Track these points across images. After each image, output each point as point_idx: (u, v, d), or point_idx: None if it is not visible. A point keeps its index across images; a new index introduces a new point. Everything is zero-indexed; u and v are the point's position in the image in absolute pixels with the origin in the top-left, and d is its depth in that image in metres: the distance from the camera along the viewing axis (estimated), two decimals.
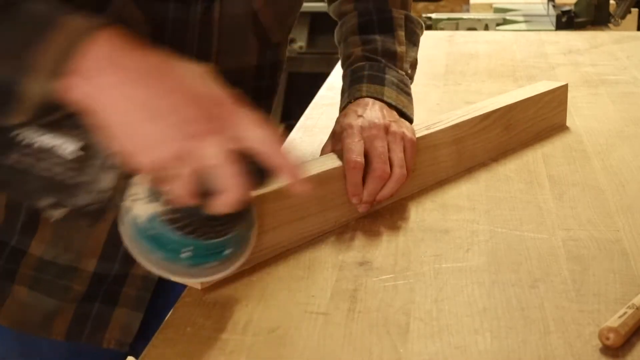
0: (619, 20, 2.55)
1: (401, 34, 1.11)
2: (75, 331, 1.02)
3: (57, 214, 0.77)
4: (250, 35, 1.03)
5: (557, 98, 1.36)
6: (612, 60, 1.94)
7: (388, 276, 0.88)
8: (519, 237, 0.97)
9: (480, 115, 1.19)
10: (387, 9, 1.12)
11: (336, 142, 1.03)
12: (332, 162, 0.99)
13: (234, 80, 1.01)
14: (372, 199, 1.00)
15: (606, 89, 1.66)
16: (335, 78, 1.75)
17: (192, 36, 0.97)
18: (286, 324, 0.79)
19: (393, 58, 1.09)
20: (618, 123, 1.43)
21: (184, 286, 0.87)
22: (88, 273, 1.00)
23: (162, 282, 1.01)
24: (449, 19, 2.75)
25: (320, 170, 0.97)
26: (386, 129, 1.00)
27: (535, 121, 1.31)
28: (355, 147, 0.98)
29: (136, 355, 1.04)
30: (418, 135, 1.08)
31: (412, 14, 1.19)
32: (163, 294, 1.04)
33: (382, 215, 1.04)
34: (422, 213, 1.04)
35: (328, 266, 0.91)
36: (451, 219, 1.02)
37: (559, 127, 1.38)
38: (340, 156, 1.00)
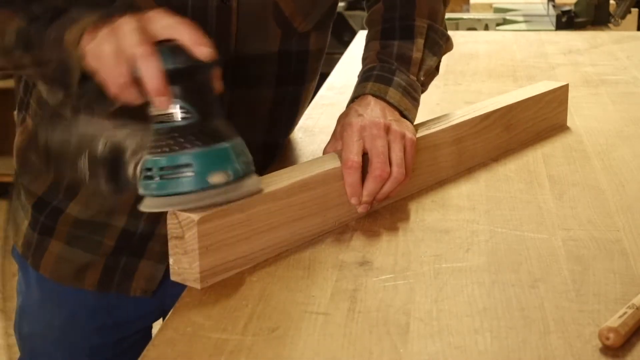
0: (619, 20, 2.55)
1: (420, 41, 1.11)
2: (105, 282, 1.12)
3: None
4: (271, 23, 1.06)
5: (557, 98, 1.36)
6: (612, 60, 1.94)
7: (388, 276, 0.88)
8: (519, 237, 0.97)
9: (481, 115, 1.19)
10: (412, 17, 1.13)
11: (337, 141, 1.03)
12: (332, 162, 0.99)
13: (255, 64, 1.07)
14: (371, 199, 1.00)
15: (606, 89, 1.66)
16: (335, 78, 1.75)
17: (211, 22, 1.01)
18: (286, 324, 0.79)
19: (407, 63, 1.10)
20: (618, 123, 1.43)
21: None
22: (118, 229, 1.10)
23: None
24: (449, 19, 2.75)
25: (320, 171, 0.97)
26: (387, 128, 1.00)
27: (536, 121, 1.31)
28: (353, 147, 0.98)
29: (157, 302, 1.15)
30: (418, 134, 1.08)
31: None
32: (172, 288, 1.07)
33: (382, 215, 1.04)
34: (422, 213, 1.04)
35: (328, 266, 0.91)
36: (451, 219, 1.02)
37: (559, 127, 1.38)
38: (341, 156, 1.00)
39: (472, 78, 1.78)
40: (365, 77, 1.09)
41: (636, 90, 1.66)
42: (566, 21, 2.54)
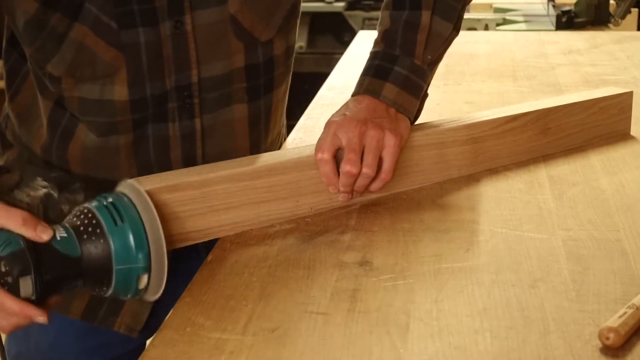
0: (619, 20, 2.55)
1: (426, 14, 1.09)
2: (90, 314, 1.09)
3: None
4: (232, 39, 1.03)
5: (617, 105, 1.31)
6: (612, 60, 1.93)
7: (388, 276, 0.88)
8: (519, 237, 0.97)
9: (506, 117, 1.17)
10: None
11: None
12: (308, 150, 1.03)
13: (223, 84, 1.04)
14: (348, 190, 1.02)
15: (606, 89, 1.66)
16: (335, 78, 1.75)
17: (167, 53, 0.99)
18: (286, 324, 0.79)
19: (411, 47, 1.09)
20: None
21: (192, 273, 0.91)
22: None
23: (170, 278, 1.03)
24: None
25: (290, 158, 1.01)
26: (364, 129, 1.01)
27: (585, 127, 1.27)
28: (324, 142, 1.02)
29: (141, 336, 1.12)
30: (423, 131, 1.09)
31: None
32: (172, 288, 1.05)
33: (382, 215, 1.04)
34: (422, 213, 1.04)
35: (328, 266, 0.91)
36: (451, 219, 1.02)
37: (619, 135, 1.32)
38: None
39: (472, 78, 1.78)
40: (367, 66, 1.10)
41: (636, 90, 1.65)
42: (566, 21, 2.54)
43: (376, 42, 1.12)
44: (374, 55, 1.11)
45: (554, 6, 2.70)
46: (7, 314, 0.82)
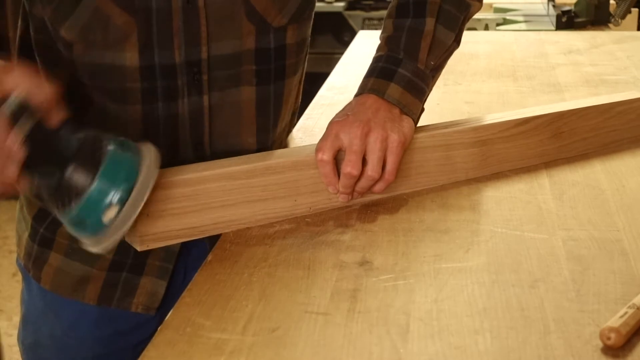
0: (619, 20, 2.55)
1: (430, 20, 1.10)
2: (105, 296, 1.11)
3: None
4: (243, 20, 1.04)
5: (636, 110, 1.28)
6: (612, 60, 1.93)
7: (388, 276, 0.88)
8: (519, 237, 0.97)
9: (516, 120, 1.16)
10: None
11: None
12: (308, 150, 1.03)
13: (232, 63, 1.05)
14: (348, 191, 1.03)
15: (606, 89, 1.66)
16: (335, 78, 1.75)
17: (178, 24, 1.00)
18: (286, 324, 0.79)
19: (415, 49, 1.09)
20: None
21: (204, 254, 0.94)
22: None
23: (182, 254, 1.11)
24: None
25: (289, 157, 1.01)
26: (367, 130, 1.01)
27: (602, 131, 1.25)
28: (325, 143, 1.02)
29: (162, 319, 1.10)
30: (427, 133, 1.09)
31: None
32: (184, 264, 1.12)
33: (382, 215, 1.04)
34: (422, 213, 1.04)
35: (328, 266, 0.91)
36: (451, 219, 1.02)
37: (638, 140, 1.28)
38: None
39: (472, 78, 1.78)
40: (371, 69, 1.10)
41: (636, 90, 1.66)
42: (566, 21, 2.54)
43: (379, 48, 1.13)
44: (377, 59, 1.11)
45: (554, 6, 2.70)
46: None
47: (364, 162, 1.01)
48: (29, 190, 0.89)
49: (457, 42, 1.15)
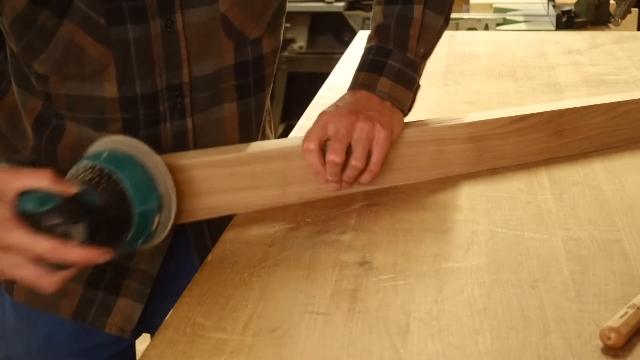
0: (619, 20, 2.55)
1: (418, 7, 1.10)
2: (81, 312, 1.08)
3: None
4: (222, 37, 1.03)
5: None
6: (612, 60, 1.93)
7: (388, 276, 0.88)
8: (519, 237, 0.97)
9: (511, 117, 1.16)
10: None
11: None
12: (297, 141, 1.04)
13: (214, 82, 1.04)
14: (336, 179, 1.03)
15: (606, 89, 1.66)
16: (335, 78, 1.75)
17: (158, 51, 0.98)
18: (286, 324, 0.79)
19: (404, 40, 1.10)
20: None
21: (184, 281, 0.89)
22: None
23: (161, 278, 1.09)
24: None
25: (278, 146, 1.03)
26: (354, 121, 1.02)
27: (606, 131, 1.24)
28: (312, 132, 1.03)
29: (129, 342, 1.13)
30: (419, 127, 1.09)
31: None
32: (163, 289, 1.10)
33: (382, 215, 1.04)
34: (422, 213, 1.04)
35: (328, 266, 0.91)
36: (451, 219, 1.02)
37: None
38: None
39: (472, 78, 1.78)
40: (362, 62, 1.11)
41: (636, 90, 1.66)
42: (566, 21, 2.54)
43: (370, 38, 1.13)
44: (367, 51, 1.12)
45: (554, 6, 2.70)
46: (55, 267, 0.82)
47: (350, 152, 1.02)
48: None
49: (446, 22, 1.15)
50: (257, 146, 1.04)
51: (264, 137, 1.18)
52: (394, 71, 1.09)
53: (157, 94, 1.00)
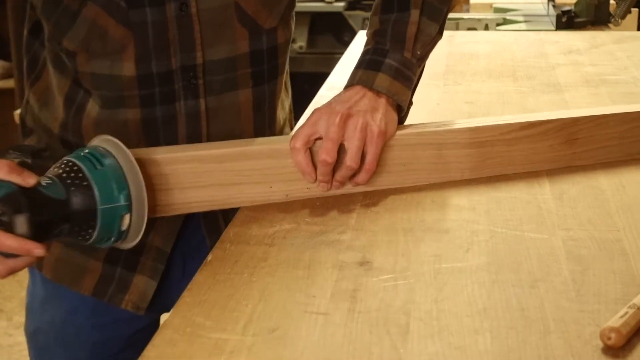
0: (619, 20, 2.54)
1: (415, 12, 1.11)
2: (101, 289, 1.13)
3: None
4: (236, 25, 1.07)
5: None
6: (612, 60, 1.93)
7: (388, 276, 0.88)
8: (519, 237, 0.97)
9: (519, 123, 1.14)
10: None
11: None
12: (285, 139, 1.05)
13: (228, 68, 1.07)
14: (326, 179, 1.03)
15: (606, 89, 1.66)
16: (335, 78, 1.75)
17: (173, 33, 1.03)
18: (286, 324, 0.79)
19: (401, 40, 1.10)
20: None
21: (198, 262, 0.93)
22: None
23: (175, 257, 1.14)
24: (449, 19, 2.74)
25: (264, 145, 1.03)
26: (346, 117, 1.02)
27: (624, 141, 1.20)
28: (300, 132, 1.03)
29: (152, 315, 1.18)
30: (419, 130, 1.09)
31: None
32: (178, 269, 1.15)
33: (382, 215, 1.04)
34: (422, 213, 1.04)
35: (328, 266, 0.91)
36: (451, 219, 1.02)
37: None
38: None
39: (472, 78, 1.78)
40: (359, 62, 1.11)
41: (636, 90, 1.66)
42: (566, 21, 2.54)
43: (366, 43, 1.14)
44: (365, 52, 1.12)
45: (554, 6, 2.70)
46: (3, 255, 0.87)
47: (343, 150, 1.02)
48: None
49: (440, 33, 1.16)
50: (244, 144, 1.05)
51: (276, 125, 1.19)
52: (392, 68, 1.09)
53: (172, 73, 1.05)
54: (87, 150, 0.93)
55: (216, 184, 1.02)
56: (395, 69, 1.09)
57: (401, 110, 1.09)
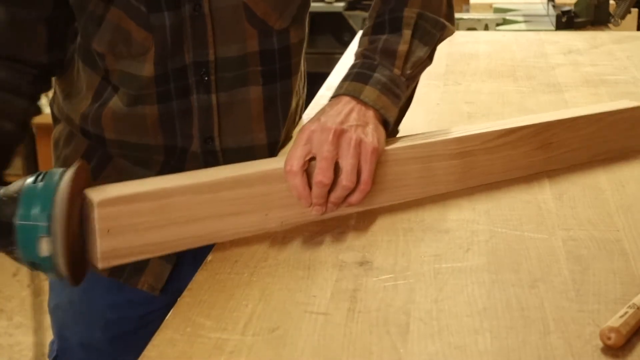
0: (619, 20, 2.55)
1: (407, 32, 1.10)
2: (117, 270, 1.13)
3: None
4: (245, 25, 1.09)
5: (629, 120, 1.23)
6: (612, 60, 1.94)
7: (388, 276, 0.88)
8: (519, 237, 0.97)
9: (499, 131, 1.12)
10: (401, 9, 1.12)
11: None
12: (277, 163, 0.99)
13: (238, 65, 1.10)
14: (322, 202, 0.98)
15: (606, 89, 1.66)
16: (335, 78, 1.75)
17: (187, 33, 1.07)
18: (286, 324, 0.80)
19: (391, 57, 1.08)
20: None
21: (207, 246, 0.93)
22: None
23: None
24: None
25: (257, 170, 0.97)
26: (339, 134, 0.98)
27: (593, 142, 1.20)
28: (296, 151, 0.98)
29: (164, 298, 1.16)
30: (407, 144, 1.05)
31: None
32: (189, 252, 1.11)
33: (382, 215, 1.04)
34: (422, 213, 1.04)
35: (328, 266, 0.91)
36: (451, 219, 1.03)
37: (632, 151, 1.24)
38: None
39: (472, 78, 1.78)
40: (346, 75, 1.09)
41: (636, 90, 1.66)
42: (566, 21, 2.54)
43: (355, 58, 1.11)
44: (352, 66, 1.10)
45: (554, 6, 2.70)
46: None
47: (337, 169, 0.97)
48: None
49: (430, 58, 1.14)
50: (236, 169, 0.98)
51: (287, 123, 1.18)
52: (380, 82, 1.05)
53: (186, 68, 1.08)
54: (60, 169, 0.88)
55: (212, 216, 0.94)
56: (383, 83, 1.06)
57: (387, 127, 1.05)
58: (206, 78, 1.09)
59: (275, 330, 0.78)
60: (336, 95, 1.06)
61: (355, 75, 1.07)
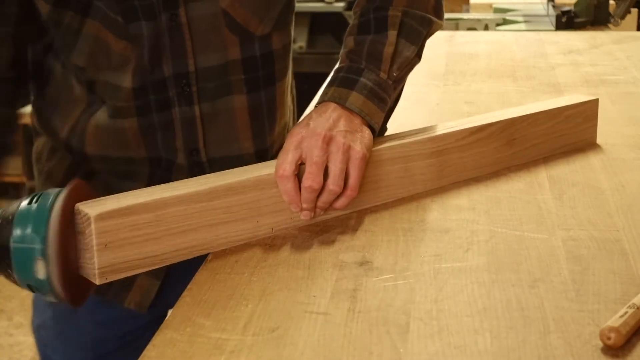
0: (619, 20, 2.55)
1: (393, 33, 1.08)
2: (103, 288, 1.08)
3: None
4: (226, 32, 1.07)
5: (582, 113, 1.26)
6: (612, 60, 1.94)
7: (388, 276, 0.88)
8: (519, 237, 0.97)
9: (471, 128, 1.13)
10: (387, 8, 1.10)
11: None
12: (268, 169, 0.98)
13: (220, 74, 1.08)
14: (311, 206, 0.98)
15: (606, 89, 1.66)
16: None
17: (165, 43, 1.05)
18: (286, 324, 0.80)
19: (377, 60, 1.07)
20: (618, 123, 1.43)
21: (198, 261, 0.92)
22: None
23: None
24: (448, 19, 2.75)
25: (249, 176, 0.96)
26: (329, 139, 0.98)
27: (551, 137, 1.23)
28: (286, 156, 0.97)
29: (150, 315, 1.17)
30: (386, 145, 1.05)
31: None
32: (178, 266, 1.10)
33: (382, 215, 1.04)
34: (422, 213, 1.04)
35: (328, 266, 0.91)
36: (451, 219, 1.03)
37: (586, 144, 1.28)
38: None
39: (472, 78, 1.78)
40: (331, 79, 1.07)
41: (636, 90, 1.66)
42: (566, 21, 2.54)
43: (340, 62, 1.10)
44: (338, 70, 1.08)
45: (553, 6, 2.70)
46: None
47: (325, 174, 0.97)
48: None
49: (418, 56, 1.13)
50: (227, 177, 0.96)
51: (275, 131, 1.16)
52: (366, 87, 1.04)
53: (165, 81, 1.06)
54: (55, 190, 0.87)
55: (206, 225, 0.93)
56: (369, 88, 1.05)
57: (373, 132, 1.04)
58: (187, 90, 1.07)
59: (275, 330, 0.78)
60: (322, 101, 1.04)
61: (341, 80, 1.05)
